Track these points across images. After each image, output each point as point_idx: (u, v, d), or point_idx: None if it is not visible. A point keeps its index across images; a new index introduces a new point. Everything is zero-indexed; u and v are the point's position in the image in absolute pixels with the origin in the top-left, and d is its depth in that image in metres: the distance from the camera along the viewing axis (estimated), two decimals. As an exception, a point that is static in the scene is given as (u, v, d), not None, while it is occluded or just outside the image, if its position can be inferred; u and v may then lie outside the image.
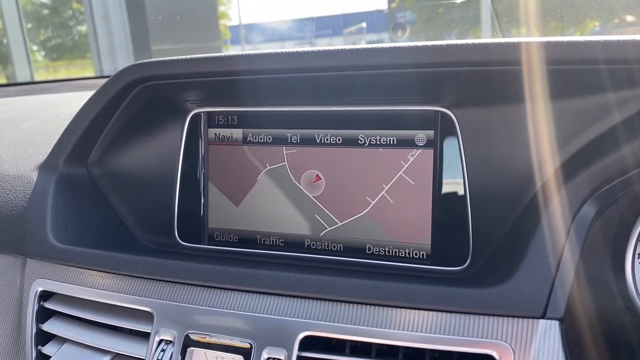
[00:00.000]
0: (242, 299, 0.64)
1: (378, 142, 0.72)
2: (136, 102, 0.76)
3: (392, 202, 0.71)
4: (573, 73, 0.57)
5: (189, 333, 0.64)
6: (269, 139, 0.78)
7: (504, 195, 0.65)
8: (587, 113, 0.60)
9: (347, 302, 0.60)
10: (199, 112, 0.81)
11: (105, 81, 0.75)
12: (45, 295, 0.76)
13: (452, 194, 0.69)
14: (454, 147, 0.68)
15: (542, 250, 0.54)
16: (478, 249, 0.67)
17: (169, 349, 0.64)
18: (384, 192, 0.72)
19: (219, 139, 0.81)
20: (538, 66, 0.56)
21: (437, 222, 0.69)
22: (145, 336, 0.67)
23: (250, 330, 0.62)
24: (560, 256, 0.54)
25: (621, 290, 0.60)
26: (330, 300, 0.61)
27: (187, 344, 0.64)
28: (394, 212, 0.71)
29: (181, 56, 0.70)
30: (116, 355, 0.69)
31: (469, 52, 0.58)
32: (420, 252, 0.70)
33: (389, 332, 0.57)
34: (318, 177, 0.75)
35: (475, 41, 0.57)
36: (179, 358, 0.64)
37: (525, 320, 0.53)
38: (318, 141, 0.75)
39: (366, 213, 0.73)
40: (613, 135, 0.58)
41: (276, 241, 0.78)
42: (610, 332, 0.59)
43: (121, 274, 0.70)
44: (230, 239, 0.80)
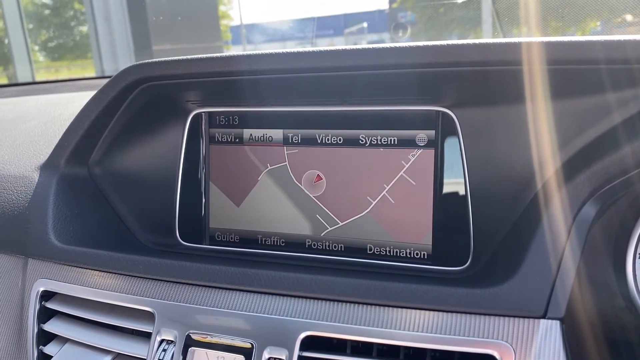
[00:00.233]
0: (243, 299, 0.64)
1: (379, 142, 0.72)
2: (137, 103, 0.76)
3: (393, 202, 0.71)
4: (573, 73, 0.57)
5: (190, 333, 0.64)
6: (270, 139, 0.78)
7: (505, 195, 0.65)
8: (587, 113, 0.60)
9: (348, 302, 0.60)
10: (200, 113, 0.81)
11: (107, 81, 0.75)
12: (47, 295, 0.76)
13: (453, 194, 0.69)
14: (454, 147, 0.68)
15: (543, 250, 0.54)
16: (479, 249, 0.67)
17: (170, 349, 0.64)
18: (385, 192, 0.72)
19: (220, 139, 0.81)
20: (538, 66, 0.56)
21: (438, 222, 0.69)
22: (147, 336, 0.67)
23: (252, 330, 0.62)
24: (561, 256, 0.54)
25: (622, 290, 0.61)
26: (332, 300, 0.61)
27: (189, 343, 0.64)
28: (395, 212, 0.71)
29: (182, 56, 0.70)
30: (117, 355, 0.69)
31: (470, 52, 0.58)
32: (421, 252, 0.70)
33: (390, 332, 0.57)
34: (319, 177, 0.75)
35: (476, 41, 0.57)
36: (180, 358, 0.64)
37: (526, 320, 0.53)
38: (319, 141, 0.75)
39: (367, 213, 0.73)
40: (613, 136, 0.58)
41: (277, 241, 0.78)
42: (611, 332, 0.59)
43: (122, 274, 0.70)
44: (231, 239, 0.80)
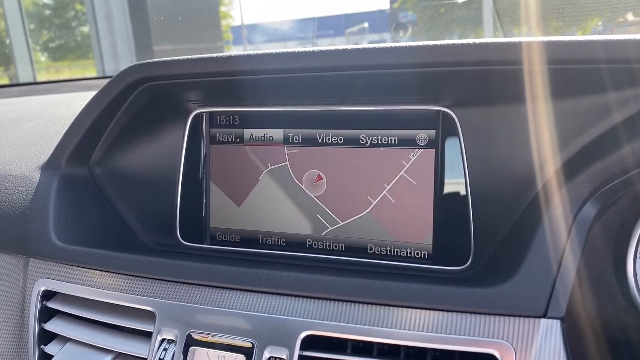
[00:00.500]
0: (244, 298, 0.64)
1: (379, 142, 0.72)
2: (138, 103, 0.77)
3: (393, 201, 0.71)
4: (574, 73, 0.57)
5: (191, 332, 0.64)
6: (271, 138, 0.78)
7: (506, 194, 0.65)
8: (587, 113, 0.60)
9: (348, 301, 0.60)
10: (201, 112, 0.82)
11: (108, 81, 0.75)
12: (48, 295, 0.76)
13: (454, 194, 0.69)
14: (455, 146, 0.68)
15: (544, 250, 0.54)
16: (479, 248, 0.67)
17: (171, 348, 0.65)
18: (385, 192, 0.72)
19: (220, 139, 0.81)
20: (539, 66, 0.56)
21: (439, 221, 0.69)
22: (148, 335, 0.67)
23: (252, 329, 0.62)
24: (562, 256, 0.54)
25: (622, 289, 0.61)
26: (332, 299, 0.61)
27: (189, 343, 0.64)
28: (395, 212, 0.71)
29: (183, 56, 0.70)
30: (118, 355, 0.69)
31: (470, 52, 0.58)
32: (422, 252, 0.70)
33: (390, 332, 0.57)
34: (319, 177, 0.75)
35: (476, 41, 0.57)
36: (181, 357, 0.64)
37: (526, 319, 0.53)
38: (319, 141, 0.75)
39: (368, 213, 0.73)
40: (614, 135, 0.58)
41: (278, 241, 0.78)
42: (611, 331, 0.59)
43: (123, 273, 0.71)
44: (232, 238, 0.80)
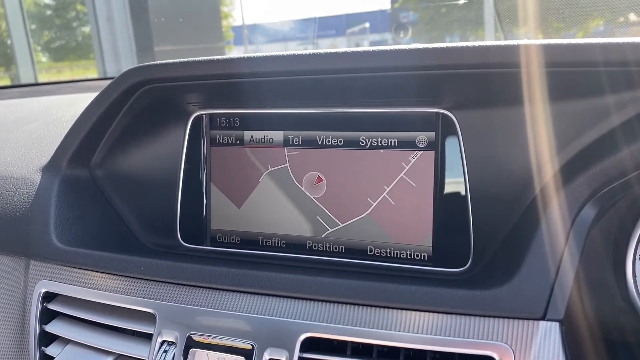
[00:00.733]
0: (244, 300, 0.64)
1: (379, 144, 0.72)
2: (139, 105, 0.77)
3: (393, 203, 0.71)
4: (572, 75, 0.57)
5: (191, 334, 0.65)
6: (271, 140, 0.78)
7: (505, 197, 0.65)
8: (586, 115, 0.60)
9: (348, 303, 0.60)
10: (201, 114, 0.82)
11: (109, 83, 0.75)
12: (49, 297, 0.76)
13: (454, 196, 0.69)
14: (455, 148, 0.68)
15: (542, 253, 0.54)
16: (479, 250, 0.67)
17: (171, 350, 0.65)
18: (385, 194, 0.72)
19: (221, 141, 0.81)
20: (537, 68, 0.56)
21: (439, 223, 0.69)
22: (148, 337, 0.67)
23: (252, 331, 0.62)
24: (560, 258, 0.54)
25: (621, 291, 0.61)
26: (332, 301, 0.61)
27: (189, 345, 0.64)
28: (395, 214, 0.71)
29: (184, 59, 0.70)
30: (119, 356, 0.69)
31: (469, 55, 0.58)
32: (422, 254, 0.71)
33: (390, 334, 0.57)
34: (319, 179, 0.75)
35: (475, 44, 0.58)
36: (181, 359, 0.64)
37: (525, 321, 0.54)
38: (319, 143, 0.75)
39: (367, 214, 0.73)
40: (612, 138, 0.58)
41: (278, 242, 0.78)
42: (610, 333, 0.60)
43: (124, 275, 0.71)
44: (232, 240, 0.81)
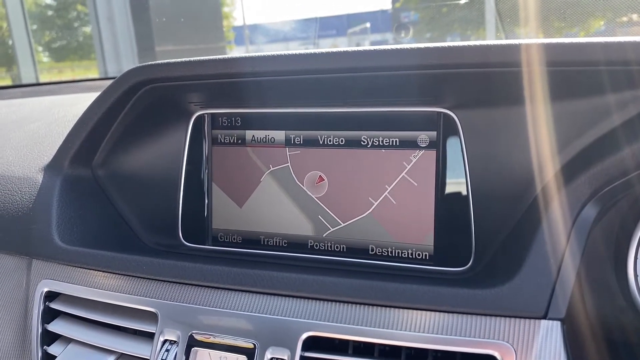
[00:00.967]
0: (245, 299, 0.65)
1: (381, 143, 0.72)
2: (140, 104, 0.77)
3: (394, 203, 0.71)
4: (573, 74, 0.57)
5: (193, 333, 0.65)
6: (272, 140, 0.78)
7: (507, 196, 0.65)
8: (587, 115, 0.60)
9: (350, 302, 0.60)
10: (203, 114, 0.82)
11: (110, 83, 0.75)
12: (51, 296, 0.76)
13: (455, 195, 0.69)
14: (456, 148, 0.68)
15: (544, 252, 0.54)
16: (480, 249, 0.67)
17: (173, 349, 0.65)
18: (386, 193, 0.72)
19: (222, 141, 0.81)
20: (539, 68, 0.56)
21: (440, 223, 0.70)
22: (150, 336, 0.67)
23: (254, 330, 0.62)
24: (562, 257, 0.54)
25: (623, 291, 0.61)
26: (333, 300, 0.61)
27: (191, 344, 0.64)
28: (396, 213, 0.72)
29: (185, 58, 0.70)
30: (121, 355, 0.69)
31: (471, 54, 0.58)
32: (423, 253, 0.71)
33: (391, 333, 0.57)
34: (321, 178, 0.76)
35: (477, 43, 0.58)
36: (183, 358, 0.64)
37: (527, 320, 0.54)
38: (321, 142, 0.75)
39: (369, 214, 0.73)
40: (613, 137, 0.58)
41: (279, 242, 0.78)
42: (611, 332, 0.60)
43: (126, 274, 0.71)
44: (234, 239, 0.81)
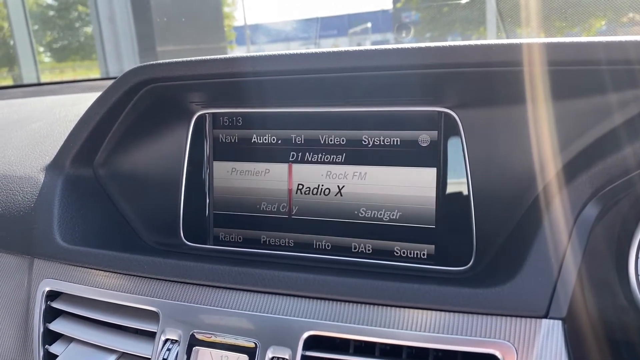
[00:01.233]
0: (247, 298, 0.65)
1: (382, 143, 0.72)
2: (142, 104, 0.77)
3: (395, 202, 0.71)
4: (574, 74, 0.57)
5: (194, 332, 0.65)
6: (274, 140, 0.78)
7: (508, 195, 0.65)
8: (589, 114, 0.60)
9: (351, 301, 0.60)
10: (204, 114, 0.82)
11: (111, 83, 0.75)
12: (52, 295, 0.77)
13: (456, 195, 0.69)
14: (457, 147, 0.68)
15: (545, 251, 0.54)
16: (481, 249, 0.67)
17: (175, 348, 0.65)
18: (387, 193, 0.72)
19: (223, 140, 0.81)
20: (540, 67, 0.56)
21: (441, 222, 0.70)
22: (151, 335, 0.67)
23: (255, 329, 0.62)
24: (563, 257, 0.54)
25: (624, 290, 0.61)
26: (335, 300, 0.61)
27: (193, 343, 0.65)
28: (397, 213, 0.71)
29: (187, 58, 0.71)
30: (122, 355, 0.69)
31: (472, 53, 0.58)
32: (424, 252, 0.71)
33: (392, 332, 0.57)
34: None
35: (478, 42, 0.58)
36: (185, 357, 0.64)
37: (528, 320, 0.54)
38: (322, 142, 0.75)
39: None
40: (614, 136, 0.58)
41: (280, 242, 0.78)
42: (612, 332, 0.60)
43: (127, 274, 0.71)
44: (235, 239, 0.81)
